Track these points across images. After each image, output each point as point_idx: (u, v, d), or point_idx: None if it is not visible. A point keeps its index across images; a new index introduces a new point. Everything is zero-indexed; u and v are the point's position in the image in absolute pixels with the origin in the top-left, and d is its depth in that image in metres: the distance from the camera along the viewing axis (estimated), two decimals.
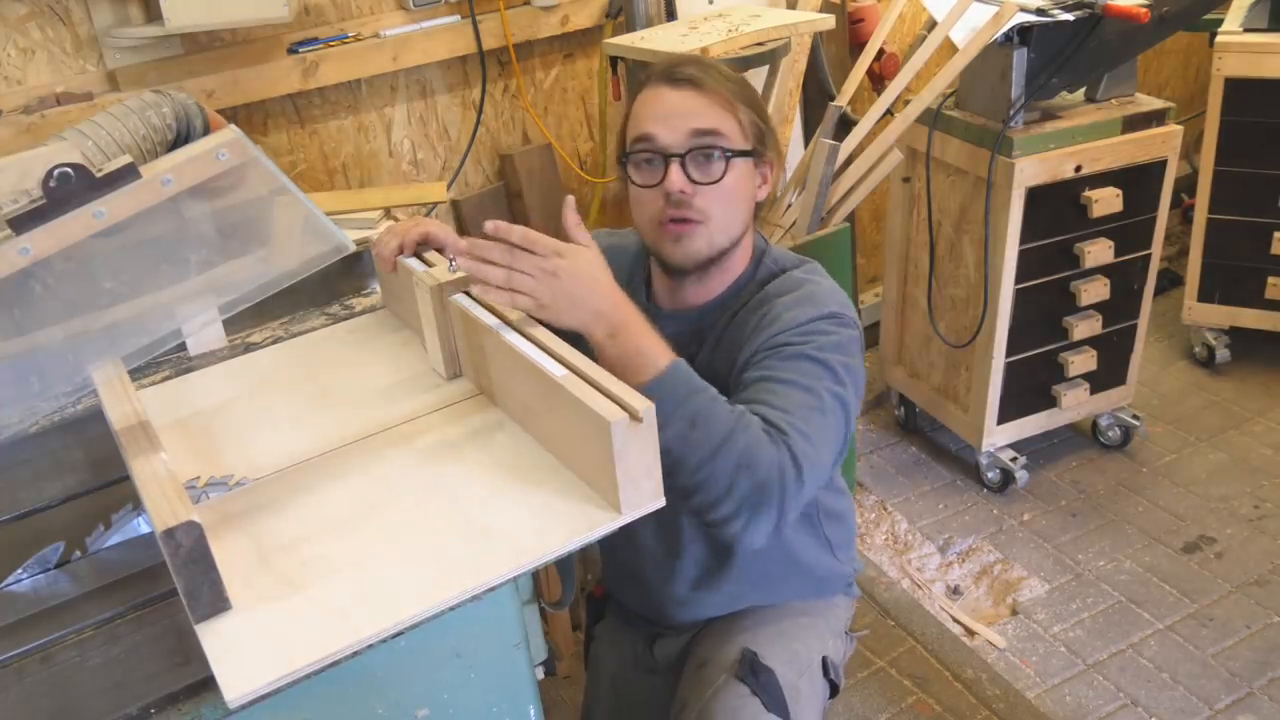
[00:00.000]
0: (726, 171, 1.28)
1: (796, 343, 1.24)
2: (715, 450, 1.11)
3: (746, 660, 1.34)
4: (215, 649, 0.91)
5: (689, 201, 1.27)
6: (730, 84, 1.30)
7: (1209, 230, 2.89)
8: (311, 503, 1.11)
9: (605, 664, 1.62)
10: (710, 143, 1.27)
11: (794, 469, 1.14)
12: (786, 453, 1.14)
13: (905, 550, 2.52)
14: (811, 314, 1.27)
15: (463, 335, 1.28)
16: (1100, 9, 2.14)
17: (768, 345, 1.25)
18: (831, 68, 2.73)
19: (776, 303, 1.30)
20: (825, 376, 1.23)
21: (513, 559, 0.99)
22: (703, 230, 1.29)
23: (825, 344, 1.24)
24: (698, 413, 1.11)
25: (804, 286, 1.32)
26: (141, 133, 1.46)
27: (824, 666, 1.43)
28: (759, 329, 1.28)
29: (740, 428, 1.12)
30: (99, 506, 1.20)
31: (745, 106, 1.30)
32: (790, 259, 1.40)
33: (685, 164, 1.27)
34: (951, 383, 2.69)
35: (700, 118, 1.27)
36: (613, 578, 1.62)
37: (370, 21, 2.23)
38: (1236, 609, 2.25)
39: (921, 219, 2.62)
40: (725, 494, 1.12)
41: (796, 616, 1.46)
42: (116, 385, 1.15)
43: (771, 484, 1.12)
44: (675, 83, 1.29)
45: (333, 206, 1.94)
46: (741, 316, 1.33)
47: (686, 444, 1.11)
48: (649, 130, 1.28)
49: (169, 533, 0.89)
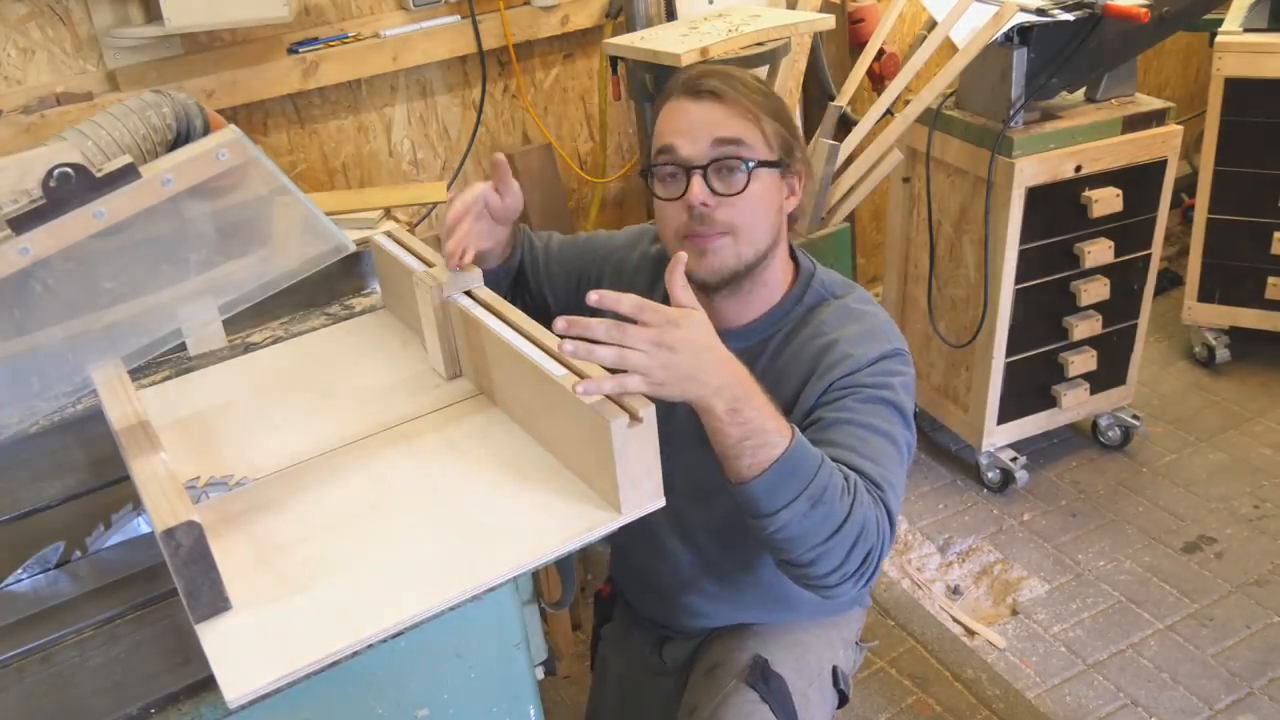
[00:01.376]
0: (750, 182, 1.24)
1: (871, 384, 1.22)
2: (836, 529, 1.07)
3: (757, 667, 1.33)
4: (215, 649, 0.91)
5: (711, 215, 1.24)
6: (755, 95, 1.27)
7: (1209, 230, 2.89)
8: (311, 502, 1.11)
9: (612, 665, 1.61)
10: (732, 152, 1.24)
11: (890, 527, 1.14)
12: (884, 512, 1.13)
13: (905, 550, 2.52)
14: (879, 351, 1.25)
15: (463, 335, 1.28)
16: (1100, 9, 2.14)
17: (843, 385, 1.22)
18: (831, 68, 2.73)
19: (838, 338, 1.26)
20: (901, 423, 1.22)
21: (513, 559, 0.99)
22: (728, 243, 1.26)
23: (897, 385, 1.23)
24: (821, 492, 1.06)
25: (863, 320, 1.29)
26: (141, 133, 1.46)
27: (834, 676, 1.42)
28: (827, 367, 1.24)
29: (857, 502, 1.09)
30: (99, 506, 1.20)
31: (770, 117, 1.27)
32: (838, 284, 1.37)
33: (707, 176, 1.24)
34: (951, 383, 2.69)
35: (722, 127, 1.24)
36: (624, 580, 1.60)
37: (370, 21, 2.23)
38: (1236, 609, 2.25)
39: (921, 219, 2.62)
40: (839, 565, 1.09)
41: (808, 625, 1.45)
42: (116, 385, 1.15)
43: (877, 548, 1.11)
44: (697, 95, 1.26)
45: (333, 206, 1.93)
46: (798, 343, 1.30)
47: (806, 522, 1.06)
48: (670, 142, 1.26)
49: (169, 533, 0.89)
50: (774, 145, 1.28)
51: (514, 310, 1.21)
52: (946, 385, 2.71)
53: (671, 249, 1.30)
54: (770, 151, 1.27)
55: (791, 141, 1.30)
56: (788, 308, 1.34)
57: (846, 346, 1.25)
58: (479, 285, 1.28)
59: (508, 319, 1.19)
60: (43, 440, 1.37)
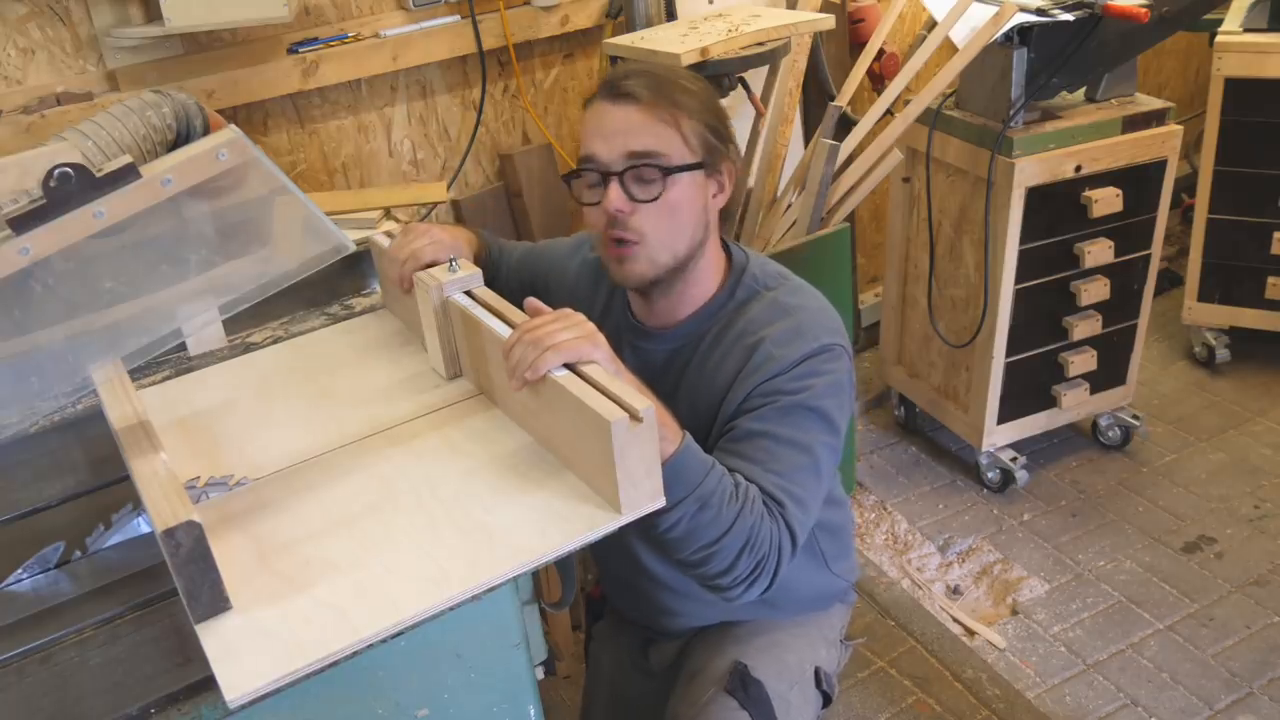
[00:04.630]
0: (666, 189, 1.23)
1: (791, 390, 1.21)
2: (722, 534, 1.11)
3: (737, 673, 1.34)
4: (215, 649, 0.91)
5: (626, 221, 1.24)
6: (677, 94, 1.24)
7: (1209, 230, 2.89)
8: (312, 502, 1.11)
9: (603, 664, 1.62)
10: (646, 163, 1.22)
11: (790, 543, 1.17)
12: (784, 528, 1.16)
13: (905, 550, 2.52)
14: (803, 350, 1.23)
15: (463, 336, 1.28)
16: (1100, 9, 2.14)
17: (762, 391, 1.22)
18: (831, 68, 2.73)
19: (764, 337, 1.25)
20: (821, 430, 1.22)
21: (513, 559, 0.99)
22: (640, 250, 1.25)
23: (820, 388, 1.22)
24: (708, 495, 1.10)
25: (792, 315, 1.27)
26: (141, 133, 1.46)
27: (816, 677, 1.42)
28: (751, 370, 1.24)
29: (746, 510, 1.12)
30: (99, 506, 1.21)
31: (691, 117, 1.24)
32: (772, 276, 1.34)
33: (624, 182, 1.23)
34: (951, 383, 2.69)
35: (636, 138, 1.22)
36: (607, 583, 1.62)
37: (370, 21, 2.23)
38: (1236, 609, 2.25)
39: (921, 219, 2.62)
40: (727, 569, 1.14)
41: (789, 626, 1.46)
42: (116, 385, 1.15)
43: (770, 559, 1.15)
44: (616, 98, 1.24)
45: (333, 206, 1.94)
46: (726, 342, 1.29)
47: (694, 524, 1.10)
48: (591, 149, 1.25)
49: (169, 532, 0.89)
50: (695, 146, 1.25)
51: (514, 310, 1.21)
52: (946, 385, 2.71)
53: (600, 254, 1.31)
54: (690, 154, 1.25)
55: (715, 140, 1.27)
56: (717, 306, 1.33)
57: (771, 347, 1.24)
58: (479, 285, 1.28)
59: (508, 319, 1.19)
60: (43, 440, 1.37)
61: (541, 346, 1.06)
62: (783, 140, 2.32)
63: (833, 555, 1.49)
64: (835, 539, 1.49)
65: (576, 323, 1.09)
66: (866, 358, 3.21)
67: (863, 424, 2.99)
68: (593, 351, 1.08)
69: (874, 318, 3.16)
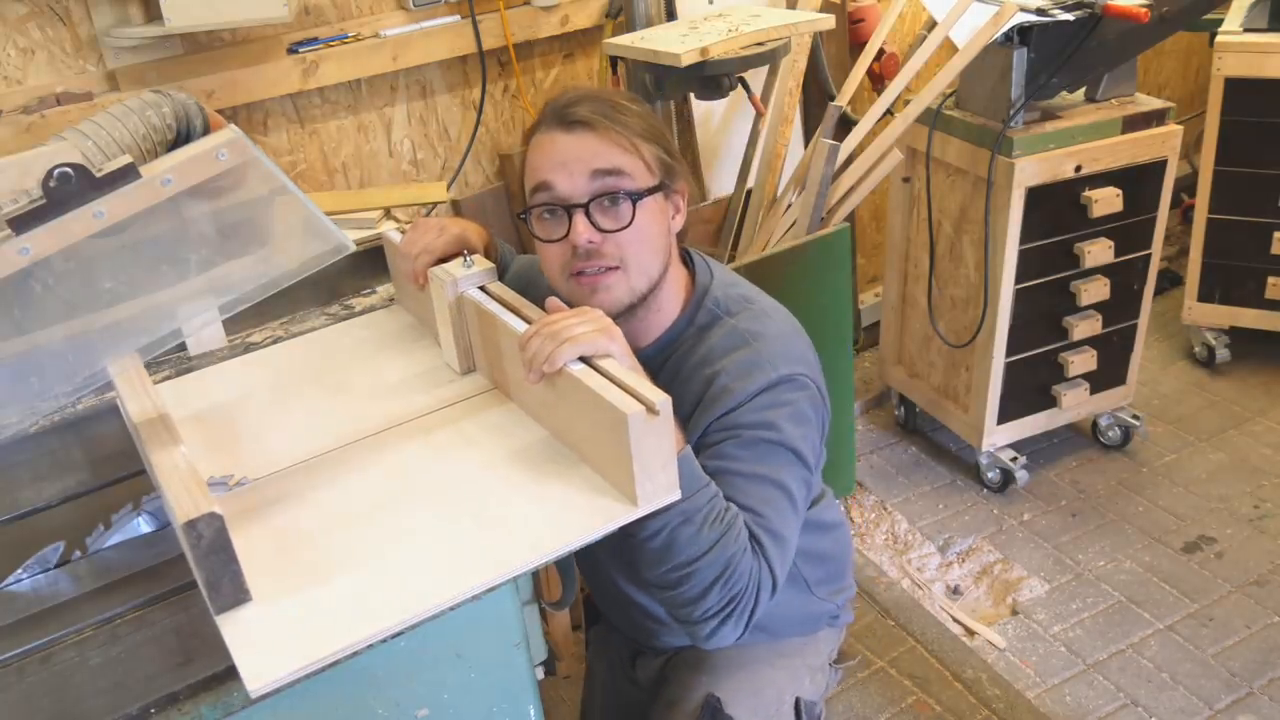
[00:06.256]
0: (635, 213, 1.19)
1: (753, 424, 1.17)
2: (699, 554, 1.08)
3: (708, 709, 1.31)
4: (236, 639, 0.92)
5: (599, 250, 1.19)
6: (629, 117, 1.21)
7: (1209, 230, 2.88)
8: (329, 496, 1.12)
9: (597, 669, 1.63)
10: (613, 185, 1.18)
11: (770, 583, 1.13)
12: (764, 566, 1.13)
13: (905, 550, 2.52)
14: (761, 382, 1.18)
15: (477, 330, 1.28)
16: (1100, 9, 2.14)
17: (720, 426, 1.18)
18: (831, 68, 2.73)
19: (721, 369, 1.21)
20: (791, 463, 1.19)
21: (532, 550, 1.00)
22: (620, 278, 1.21)
23: (782, 419, 1.18)
24: (694, 511, 1.07)
25: (750, 344, 1.22)
26: (141, 133, 1.46)
27: (796, 709, 1.39)
28: (708, 403, 1.20)
29: (729, 538, 1.09)
30: (99, 506, 1.21)
31: (646, 141, 1.21)
32: (735, 300, 1.29)
33: (590, 212, 1.18)
34: (951, 383, 2.69)
35: (600, 158, 1.18)
36: (594, 594, 1.60)
37: (370, 21, 2.23)
38: (1236, 609, 2.25)
39: (921, 219, 2.62)
40: (700, 598, 1.10)
41: (770, 656, 1.41)
42: (134, 378, 1.16)
43: (746, 597, 1.11)
44: (568, 125, 1.19)
45: (333, 206, 1.94)
46: (685, 372, 1.25)
47: (673, 537, 1.07)
48: (546, 179, 1.19)
49: (191, 524, 0.90)
50: (654, 169, 1.22)
51: (529, 305, 1.22)
52: (946, 385, 2.71)
53: (562, 290, 1.25)
54: (651, 176, 1.22)
55: (670, 161, 1.25)
56: (677, 332, 1.29)
57: (726, 379, 1.19)
58: (493, 280, 1.29)
59: (522, 313, 1.20)
60: (43, 440, 1.37)
61: (559, 339, 1.07)
62: (783, 140, 2.32)
63: (817, 580, 1.45)
64: (821, 565, 1.45)
65: (593, 317, 1.10)
66: (866, 358, 3.21)
67: (863, 424, 2.99)
68: (609, 345, 1.08)
69: (874, 318, 3.16)
